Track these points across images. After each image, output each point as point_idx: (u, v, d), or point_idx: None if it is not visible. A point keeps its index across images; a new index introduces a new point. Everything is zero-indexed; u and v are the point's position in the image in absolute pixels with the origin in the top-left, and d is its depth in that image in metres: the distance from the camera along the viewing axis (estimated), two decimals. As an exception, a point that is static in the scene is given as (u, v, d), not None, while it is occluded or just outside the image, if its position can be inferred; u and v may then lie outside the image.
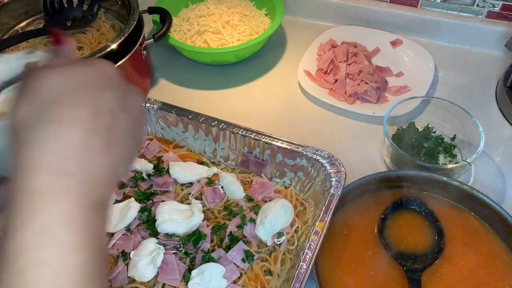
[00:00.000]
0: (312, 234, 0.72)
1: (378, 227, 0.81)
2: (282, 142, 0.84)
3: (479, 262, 0.76)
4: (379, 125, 0.97)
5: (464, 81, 1.09)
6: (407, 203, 0.83)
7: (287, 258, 0.76)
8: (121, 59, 0.93)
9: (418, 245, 0.78)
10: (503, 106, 1.02)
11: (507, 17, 1.12)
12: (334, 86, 1.05)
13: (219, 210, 0.81)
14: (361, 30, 1.18)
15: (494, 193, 0.87)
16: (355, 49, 1.10)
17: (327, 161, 0.81)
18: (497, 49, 1.14)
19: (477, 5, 1.13)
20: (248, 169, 0.88)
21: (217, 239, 0.77)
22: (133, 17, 0.97)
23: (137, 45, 0.96)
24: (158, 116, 0.91)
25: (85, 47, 1.01)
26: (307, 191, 0.83)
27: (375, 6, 1.18)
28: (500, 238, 0.78)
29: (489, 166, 0.92)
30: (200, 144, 0.90)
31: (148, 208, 0.81)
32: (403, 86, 1.06)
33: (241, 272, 0.74)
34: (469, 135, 0.90)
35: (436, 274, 0.75)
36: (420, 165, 0.85)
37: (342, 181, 0.78)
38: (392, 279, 0.75)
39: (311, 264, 0.68)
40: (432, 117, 0.95)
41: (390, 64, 1.12)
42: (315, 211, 0.79)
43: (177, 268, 0.73)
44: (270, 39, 1.19)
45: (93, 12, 1.04)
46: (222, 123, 0.87)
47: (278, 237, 0.77)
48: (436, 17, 1.16)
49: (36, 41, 1.01)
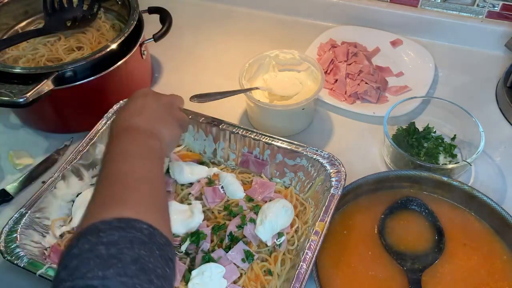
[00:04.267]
0: (312, 234, 0.72)
1: (378, 227, 0.81)
2: (282, 142, 0.84)
3: (479, 262, 0.76)
4: (379, 125, 0.97)
5: (464, 81, 1.09)
6: (407, 203, 0.83)
7: (287, 258, 0.76)
8: (121, 59, 0.93)
9: (418, 245, 0.78)
10: (503, 106, 1.02)
11: (507, 17, 1.12)
12: (334, 86, 1.05)
13: (219, 210, 0.81)
14: (361, 30, 1.18)
15: (494, 193, 0.87)
16: (355, 49, 1.10)
17: (327, 161, 0.81)
18: (497, 49, 1.14)
19: (477, 5, 1.13)
20: (248, 169, 0.88)
21: (217, 239, 0.77)
22: (133, 17, 0.97)
23: (137, 45, 0.97)
24: (158, 116, 0.91)
25: (85, 47, 1.01)
26: (307, 191, 0.83)
27: (375, 6, 1.18)
28: (500, 238, 0.78)
29: (489, 166, 0.92)
30: (200, 144, 0.90)
31: (148, 208, 0.80)
32: (403, 86, 1.06)
33: (241, 272, 0.74)
34: (469, 135, 0.90)
35: (436, 274, 0.75)
36: (420, 165, 0.85)
37: (342, 181, 0.78)
38: (392, 279, 0.75)
39: (311, 264, 0.68)
40: (432, 117, 0.95)
41: (390, 64, 1.12)
42: (315, 211, 0.79)
43: (177, 268, 0.73)
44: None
45: (93, 12, 1.04)
46: (222, 123, 0.87)
47: (278, 237, 0.77)
48: (436, 17, 1.16)
49: (36, 41, 1.01)
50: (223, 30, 1.25)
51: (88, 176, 0.85)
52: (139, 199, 0.55)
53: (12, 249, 0.71)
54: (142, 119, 0.68)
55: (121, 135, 0.65)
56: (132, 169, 0.59)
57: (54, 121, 0.98)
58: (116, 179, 0.57)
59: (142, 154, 0.62)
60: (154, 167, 0.62)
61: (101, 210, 0.52)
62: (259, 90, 0.97)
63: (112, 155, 0.61)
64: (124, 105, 0.72)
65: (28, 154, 0.96)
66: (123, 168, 0.58)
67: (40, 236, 0.77)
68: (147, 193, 0.57)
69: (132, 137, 0.65)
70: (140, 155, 0.62)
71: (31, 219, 0.76)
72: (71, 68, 0.87)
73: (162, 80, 1.12)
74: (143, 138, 0.65)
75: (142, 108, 0.70)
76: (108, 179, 0.58)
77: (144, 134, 0.66)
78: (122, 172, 0.58)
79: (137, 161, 0.60)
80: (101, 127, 0.87)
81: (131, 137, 0.65)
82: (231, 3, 1.30)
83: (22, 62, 0.98)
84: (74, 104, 0.94)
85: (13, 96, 0.82)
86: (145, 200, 0.55)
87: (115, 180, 0.57)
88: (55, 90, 0.87)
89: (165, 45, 1.07)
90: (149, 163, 0.62)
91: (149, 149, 0.64)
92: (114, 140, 0.64)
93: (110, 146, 0.64)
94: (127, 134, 0.65)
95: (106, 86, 0.94)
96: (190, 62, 1.16)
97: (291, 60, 1.00)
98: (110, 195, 0.55)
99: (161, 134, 0.68)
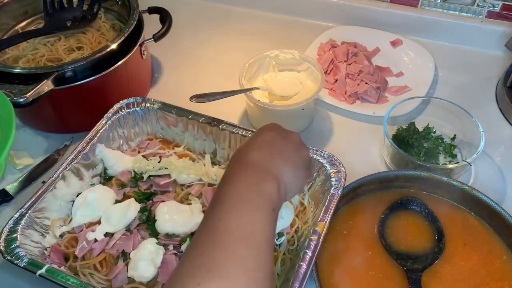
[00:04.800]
0: (312, 234, 0.72)
1: (378, 227, 0.81)
2: (282, 142, 0.84)
3: (479, 262, 0.76)
4: (379, 125, 0.97)
5: (464, 81, 1.09)
6: (407, 203, 0.83)
7: (287, 258, 0.76)
8: (121, 59, 0.93)
9: (418, 245, 0.78)
10: (503, 106, 1.02)
11: (507, 17, 1.12)
12: (334, 86, 1.05)
13: (219, 210, 0.81)
14: (361, 30, 1.18)
15: (494, 193, 0.87)
16: (355, 49, 1.10)
17: (327, 161, 0.81)
18: (497, 49, 1.14)
19: (477, 5, 1.13)
20: (248, 169, 0.88)
21: (217, 239, 0.77)
22: (133, 17, 0.97)
23: (137, 45, 0.97)
24: (158, 116, 0.91)
25: (85, 47, 1.01)
26: (307, 191, 0.83)
27: (375, 6, 1.18)
28: (500, 238, 0.78)
29: (489, 166, 0.92)
30: (200, 144, 0.90)
31: (148, 208, 0.81)
32: (403, 86, 1.06)
33: (241, 272, 0.74)
34: (469, 135, 0.90)
35: (436, 274, 0.75)
36: (420, 165, 0.85)
37: (342, 181, 0.78)
38: (392, 279, 0.75)
39: (311, 264, 0.68)
40: (432, 117, 0.95)
41: (390, 64, 1.12)
42: (315, 211, 0.79)
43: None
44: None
45: (93, 12, 1.04)
46: (222, 123, 0.87)
47: (278, 237, 0.77)
48: (436, 17, 1.16)
49: (36, 41, 1.01)
50: (223, 30, 1.25)
51: (88, 176, 0.85)
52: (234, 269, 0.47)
53: (12, 249, 0.71)
54: (261, 155, 0.58)
55: (235, 173, 0.56)
56: (237, 225, 0.50)
57: (54, 121, 0.98)
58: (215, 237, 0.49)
59: (253, 205, 0.53)
60: (266, 225, 0.52)
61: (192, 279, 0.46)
62: (259, 90, 0.97)
63: (219, 199, 0.54)
64: (248, 139, 0.63)
65: (28, 154, 0.96)
66: (226, 222, 0.50)
67: (40, 236, 0.77)
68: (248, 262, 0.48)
69: (247, 176, 0.56)
70: (250, 206, 0.52)
71: (31, 219, 0.76)
72: (71, 68, 0.87)
73: (162, 80, 1.12)
74: (261, 180, 0.55)
75: (264, 142, 0.60)
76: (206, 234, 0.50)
77: (261, 173, 0.56)
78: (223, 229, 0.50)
79: (245, 214, 0.51)
80: (101, 127, 0.87)
81: (246, 177, 0.55)
82: (231, 3, 1.30)
83: (22, 62, 0.98)
84: (74, 104, 0.94)
85: (13, 96, 0.82)
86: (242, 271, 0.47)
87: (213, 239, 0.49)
88: (55, 90, 0.87)
89: (165, 45, 1.07)
90: (260, 218, 0.52)
91: (264, 197, 0.54)
92: (227, 177, 0.57)
93: (221, 184, 0.56)
94: (243, 172, 0.56)
95: (106, 86, 0.94)
96: (190, 62, 1.16)
97: (291, 60, 1.00)
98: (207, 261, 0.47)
99: (282, 176, 0.58)
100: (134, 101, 0.91)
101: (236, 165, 0.58)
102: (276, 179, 0.56)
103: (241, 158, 0.59)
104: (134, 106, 0.90)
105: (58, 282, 0.68)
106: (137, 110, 0.90)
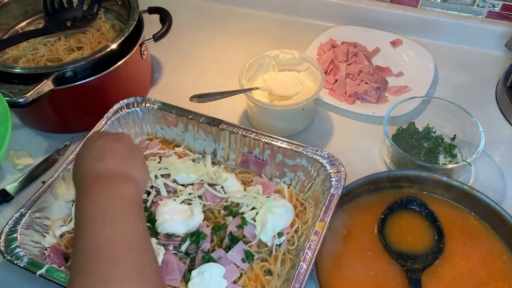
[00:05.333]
0: (312, 234, 0.72)
1: (378, 227, 0.81)
2: (282, 142, 0.84)
3: (479, 262, 0.76)
4: (379, 125, 0.97)
5: (464, 81, 1.09)
6: (407, 203, 0.83)
7: (287, 258, 0.76)
8: (121, 59, 0.93)
9: (418, 245, 0.78)
10: (503, 106, 1.02)
11: (507, 17, 1.12)
12: (334, 86, 1.05)
13: (219, 210, 0.81)
14: (361, 30, 1.18)
15: (494, 193, 0.87)
16: (355, 49, 1.10)
17: (327, 161, 0.81)
18: (497, 49, 1.14)
19: (477, 5, 1.13)
20: (248, 169, 0.88)
21: (217, 239, 0.77)
22: (133, 17, 0.97)
23: (137, 45, 0.97)
24: (158, 116, 0.91)
25: (85, 47, 1.01)
26: (307, 191, 0.83)
27: (375, 6, 1.18)
28: (500, 238, 0.78)
29: (489, 166, 0.92)
30: (200, 144, 0.90)
31: (148, 208, 0.80)
32: (403, 86, 1.06)
33: (241, 272, 0.74)
34: (469, 135, 0.90)
35: (436, 274, 0.75)
36: (420, 165, 0.85)
37: (342, 181, 0.78)
38: (392, 279, 0.75)
39: (311, 264, 0.68)
40: (432, 117, 0.95)
41: (390, 64, 1.12)
42: (315, 211, 0.79)
43: (177, 268, 0.73)
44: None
45: (93, 12, 1.04)
46: (222, 123, 0.87)
47: (278, 237, 0.77)
48: (436, 17, 1.16)
49: (36, 41, 1.01)
50: (223, 30, 1.25)
51: (88, 176, 0.85)
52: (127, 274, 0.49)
53: (12, 249, 0.71)
54: (108, 163, 0.59)
55: (89, 189, 0.56)
56: (113, 235, 0.51)
57: (54, 121, 0.98)
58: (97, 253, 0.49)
59: (119, 210, 0.54)
60: (137, 224, 0.54)
61: None
62: (259, 90, 0.97)
63: (85, 218, 0.53)
64: (80, 152, 0.63)
65: (28, 154, 0.96)
66: (102, 235, 0.51)
67: (40, 236, 0.77)
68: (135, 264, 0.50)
69: (102, 187, 0.56)
70: (117, 212, 0.53)
71: (31, 219, 0.76)
72: (71, 68, 0.87)
73: (162, 80, 1.12)
74: (116, 186, 0.56)
75: (102, 150, 0.61)
76: (88, 252, 0.50)
77: (116, 179, 0.57)
78: (101, 243, 0.50)
79: (116, 222, 0.53)
80: (101, 127, 0.87)
81: (102, 188, 0.55)
82: (231, 3, 1.30)
83: (22, 62, 0.98)
84: (74, 104, 0.94)
85: (13, 96, 0.82)
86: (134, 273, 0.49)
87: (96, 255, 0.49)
88: (55, 90, 0.87)
89: (165, 45, 1.07)
90: (130, 220, 0.54)
91: (127, 200, 0.55)
92: (84, 196, 0.55)
93: (80, 204, 0.55)
94: (96, 184, 0.56)
95: (106, 86, 0.94)
96: (190, 62, 1.16)
97: (291, 60, 1.00)
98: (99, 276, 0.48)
99: (132, 174, 0.59)
100: (134, 101, 0.91)
101: (86, 181, 0.57)
102: (129, 179, 0.58)
103: (87, 172, 0.58)
104: (134, 106, 0.90)
105: (58, 282, 0.68)
106: (137, 110, 0.90)
